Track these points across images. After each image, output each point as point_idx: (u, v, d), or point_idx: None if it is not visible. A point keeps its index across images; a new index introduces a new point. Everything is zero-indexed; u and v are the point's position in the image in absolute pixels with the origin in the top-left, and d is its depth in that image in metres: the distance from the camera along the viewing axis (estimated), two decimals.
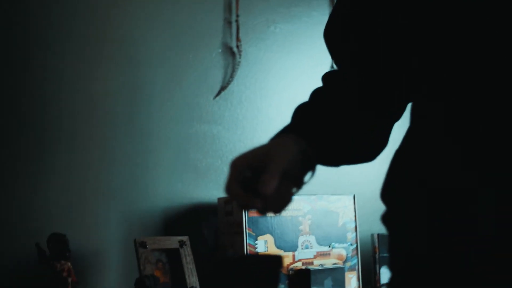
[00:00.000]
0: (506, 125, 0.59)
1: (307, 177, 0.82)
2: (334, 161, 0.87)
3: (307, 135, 0.80)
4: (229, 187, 0.77)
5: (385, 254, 1.80)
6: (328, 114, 0.81)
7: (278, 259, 0.96)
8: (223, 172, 1.73)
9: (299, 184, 0.82)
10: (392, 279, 0.74)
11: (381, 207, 2.10)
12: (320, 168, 1.91)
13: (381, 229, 2.00)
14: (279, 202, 0.80)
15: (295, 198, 1.59)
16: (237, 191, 0.77)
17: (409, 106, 0.79)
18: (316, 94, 0.85)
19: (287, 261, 1.60)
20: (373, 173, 2.07)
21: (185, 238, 1.51)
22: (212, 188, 1.70)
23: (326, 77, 0.85)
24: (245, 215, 1.53)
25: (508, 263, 0.58)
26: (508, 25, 0.61)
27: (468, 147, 0.62)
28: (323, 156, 0.82)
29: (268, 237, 1.56)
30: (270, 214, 0.83)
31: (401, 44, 0.73)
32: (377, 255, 1.80)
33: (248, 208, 0.81)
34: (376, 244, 1.80)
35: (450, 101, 0.65)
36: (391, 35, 0.75)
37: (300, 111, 0.83)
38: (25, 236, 1.42)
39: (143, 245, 1.44)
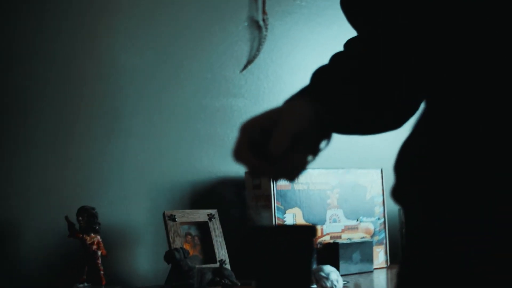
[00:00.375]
0: (506, 124, 0.57)
1: (322, 144, 0.76)
2: (352, 128, 0.80)
3: (323, 98, 0.75)
4: (237, 151, 0.73)
5: None
6: (347, 78, 0.77)
7: (311, 229, 0.95)
8: None
9: (314, 150, 0.76)
10: (402, 260, 0.72)
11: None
12: (347, 142, 1.90)
13: None
14: (292, 168, 0.74)
15: (322, 171, 1.59)
16: (246, 155, 0.72)
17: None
18: (336, 58, 0.81)
19: None
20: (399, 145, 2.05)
21: (213, 211, 1.51)
22: None
23: (347, 44, 0.83)
24: (273, 189, 1.52)
25: (508, 263, 0.56)
26: (507, 24, 0.58)
27: (468, 146, 0.60)
28: (339, 122, 0.76)
29: (297, 210, 1.56)
30: (284, 181, 0.78)
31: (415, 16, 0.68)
32: (404, 230, 1.79)
33: (257, 174, 0.76)
34: (403, 219, 1.79)
35: (451, 99, 0.62)
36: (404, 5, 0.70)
37: (319, 74, 0.79)
38: (55, 209, 1.43)
39: (172, 218, 1.44)
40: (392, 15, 0.71)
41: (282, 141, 0.70)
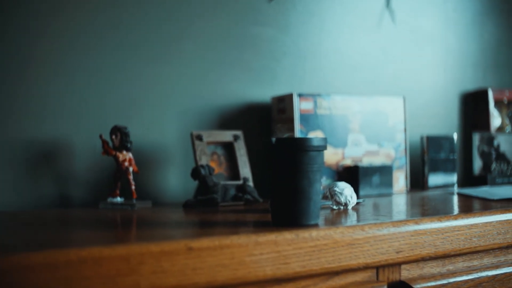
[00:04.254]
0: None
1: None
2: None
3: None
4: None
5: (433, 157, 1.84)
6: None
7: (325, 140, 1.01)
8: (276, 73, 1.78)
9: None
10: None
11: (431, 111, 2.15)
12: (371, 70, 1.94)
13: (431, 131, 2.04)
14: None
15: (345, 97, 1.64)
16: None
17: None
18: None
19: (336, 157, 1.66)
20: (424, 76, 2.09)
21: (239, 132, 1.58)
22: (265, 87, 1.76)
23: None
24: (297, 113, 1.58)
25: None
26: None
27: None
28: None
29: (319, 133, 1.62)
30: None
31: None
32: (425, 157, 1.84)
33: None
34: (425, 146, 1.84)
35: None
36: None
37: None
38: (91, 129, 1.51)
39: (199, 138, 1.52)
40: None
41: None
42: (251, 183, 1.53)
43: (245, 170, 1.55)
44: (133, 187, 1.44)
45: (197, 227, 1.06)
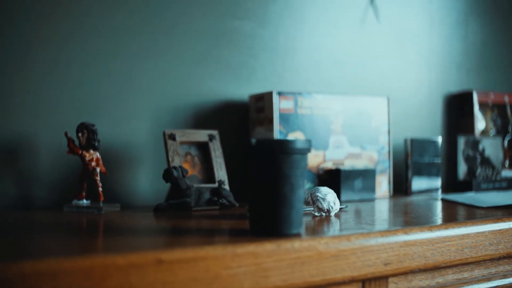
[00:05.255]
0: None
1: None
2: None
3: None
4: None
5: (417, 160, 1.78)
6: None
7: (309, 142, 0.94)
8: (255, 70, 1.70)
9: None
10: None
11: (415, 112, 2.09)
12: (354, 69, 1.88)
13: (414, 134, 1.99)
14: None
15: (327, 96, 1.56)
16: None
17: None
18: None
19: (317, 160, 1.58)
20: (407, 77, 2.03)
21: (214, 132, 1.50)
22: (243, 85, 1.68)
23: None
24: (276, 112, 1.51)
25: None
26: None
27: None
28: None
29: (299, 134, 1.54)
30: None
31: None
32: (409, 161, 1.77)
33: None
34: (409, 150, 1.77)
35: None
36: None
37: None
38: (57, 127, 1.42)
39: (172, 137, 1.43)
40: None
41: None
42: (227, 187, 1.45)
43: (220, 173, 1.46)
44: (100, 189, 1.35)
45: (169, 235, 0.98)
